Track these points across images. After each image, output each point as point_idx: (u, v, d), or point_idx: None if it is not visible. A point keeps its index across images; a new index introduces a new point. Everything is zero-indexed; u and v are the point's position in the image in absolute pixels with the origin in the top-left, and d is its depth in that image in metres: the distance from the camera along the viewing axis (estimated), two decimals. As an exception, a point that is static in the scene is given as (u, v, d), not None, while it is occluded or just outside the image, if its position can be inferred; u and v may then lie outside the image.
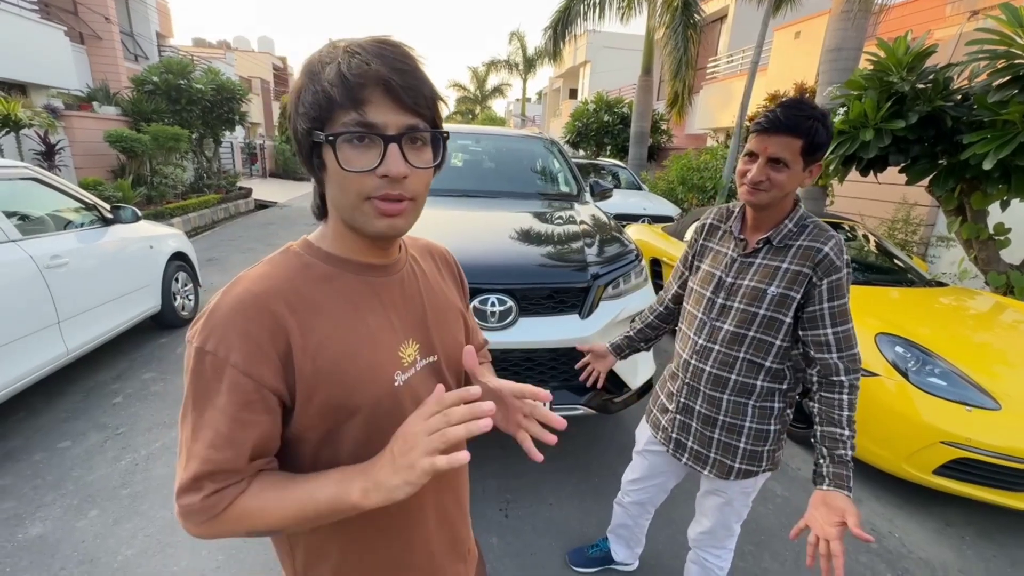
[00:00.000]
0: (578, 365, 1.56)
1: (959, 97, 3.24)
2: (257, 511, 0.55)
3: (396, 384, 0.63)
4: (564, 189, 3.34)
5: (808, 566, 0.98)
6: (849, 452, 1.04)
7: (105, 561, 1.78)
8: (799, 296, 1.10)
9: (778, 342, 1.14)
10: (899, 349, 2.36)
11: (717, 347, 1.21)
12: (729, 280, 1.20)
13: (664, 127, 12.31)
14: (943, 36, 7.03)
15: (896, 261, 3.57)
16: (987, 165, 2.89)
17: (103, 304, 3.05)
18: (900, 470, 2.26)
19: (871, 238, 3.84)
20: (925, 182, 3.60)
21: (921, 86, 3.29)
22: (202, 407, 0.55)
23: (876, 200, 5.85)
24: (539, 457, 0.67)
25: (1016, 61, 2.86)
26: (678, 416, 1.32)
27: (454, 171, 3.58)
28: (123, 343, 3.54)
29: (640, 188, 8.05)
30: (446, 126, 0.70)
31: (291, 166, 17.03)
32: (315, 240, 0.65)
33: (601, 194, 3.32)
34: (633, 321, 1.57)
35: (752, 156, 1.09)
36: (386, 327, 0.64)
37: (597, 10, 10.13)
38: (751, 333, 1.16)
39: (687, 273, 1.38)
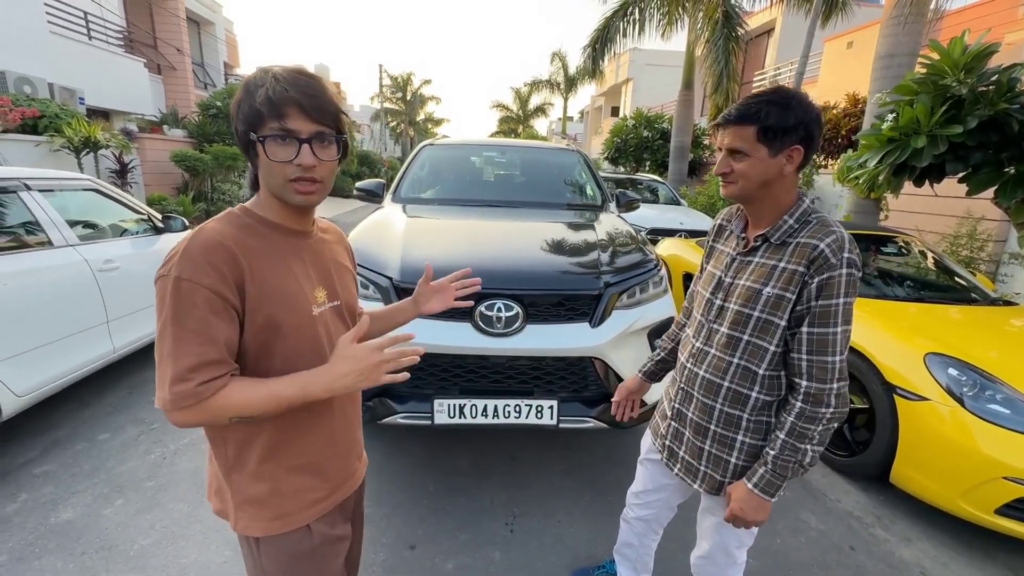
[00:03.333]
0: (614, 410, 1.57)
1: (1025, 99, 2.96)
2: (235, 401, 0.75)
3: (313, 313, 0.87)
4: (588, 200, 3.29)
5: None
6: (772, 452, 1.05)
7: (122, 549, 1.85)
8: (794, 297, 1.00)
9: (772, 347, 1.04)
10: (953, 371, 2.13)
11: (712, 351, 1.13)
12: (728, 280, 1.12)
13: (706, 142, 12.01)
14: (1015, 40, 6.52)
15: (956, 278, 3.26)
16: (1060, 171, 2.60)
17: (149, 307, 3.26)
18: (956, 508, 2.01)
19: (928, 253, 3.54)
20: (990, 193, 3.30)
21: (982, 88, 3.03)
22: (183, 321, 0.73)
23: (936, 214, 5.41)
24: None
25: (1092, 57, 2.59)
26: (673, 423, 1.24)
27: (477, 181, 3.62)
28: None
29: (679, 203, 7.84)
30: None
31: (338, 183, 17.84)
32: (252, 207, 0.87)
33: (628, 205, 3.25)
34: (660, 340, 1.50)
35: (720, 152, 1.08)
36: (304, 274, 0.88)
37: (636, 26, 10.11)
38: (745, 336, 1.07)
39: (700, 277, 1.31)
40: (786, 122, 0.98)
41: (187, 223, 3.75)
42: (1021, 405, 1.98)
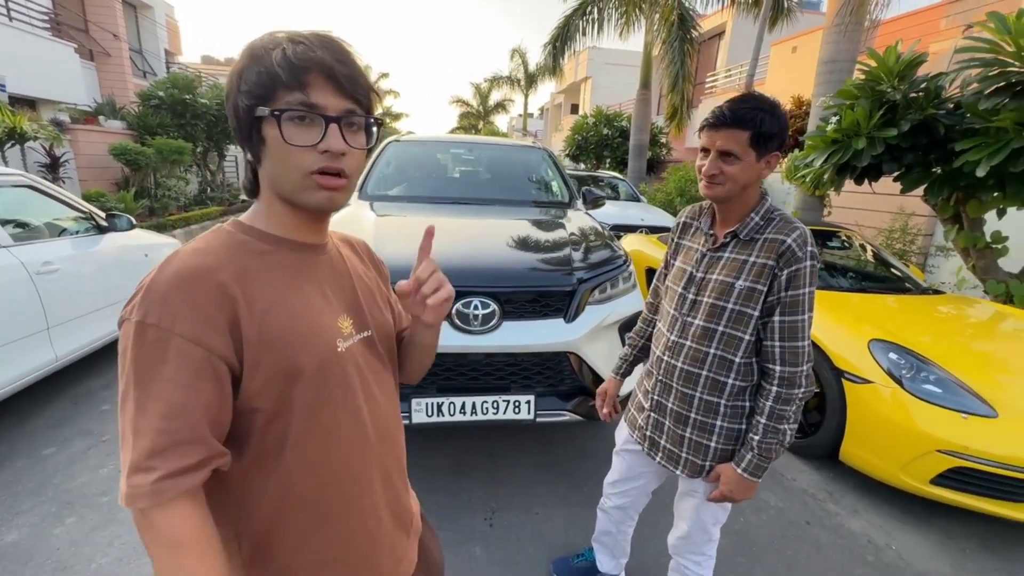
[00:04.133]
0: (601, 409, 1.58)
1: (951, 105, 3.24)
2: (181, 543, 0.54)
3: (339, 349, 0.66)
4: (556, 197, 3.34)
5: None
6: (756, 438, 1.13)
7: (79, 569, 1.74)
8: (765, 289, 1.08)
9: (747, 336, 1.12)
10: (893, 356, 2.32)
11: (688, 343, 1.19)
12: (699, 275, 1.18)
13: (663, 140, 12.39)
14: (939, 50, 7.08)
15: (892, 270, 3.54)
16: (980, 172, 2.87)
17: (94, 311, 3.06)
18: (897, 480, 2.20)
19: (867, 247, 3.82)
20: (920, 191, 3.59)
21: (913, 95, 3.30)
22: (146, 381, 0.54)
23: (873, 210, 5.83)
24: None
25: (1007, 69, 2.86)
26: (652, 414, 1.30)
27: (445, 179, 3.60)
28: (115, 351, 3.53)
29: (638, 200, 8.07)
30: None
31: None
32: (248, 220, 0.67)
33: (594, 202, 3.32)
34: (630, 338, 1.55)
35: (705, 152, 1.11)
36: (322, 299, 0.68)
37: (595, 26, 10.28)
38: (720, 328, 1.14)
39: (667, 273, 1.36)
40: (774, 129, 1.04)
41: (133, 221, 3.53)
42: (951, 385, 2.18)
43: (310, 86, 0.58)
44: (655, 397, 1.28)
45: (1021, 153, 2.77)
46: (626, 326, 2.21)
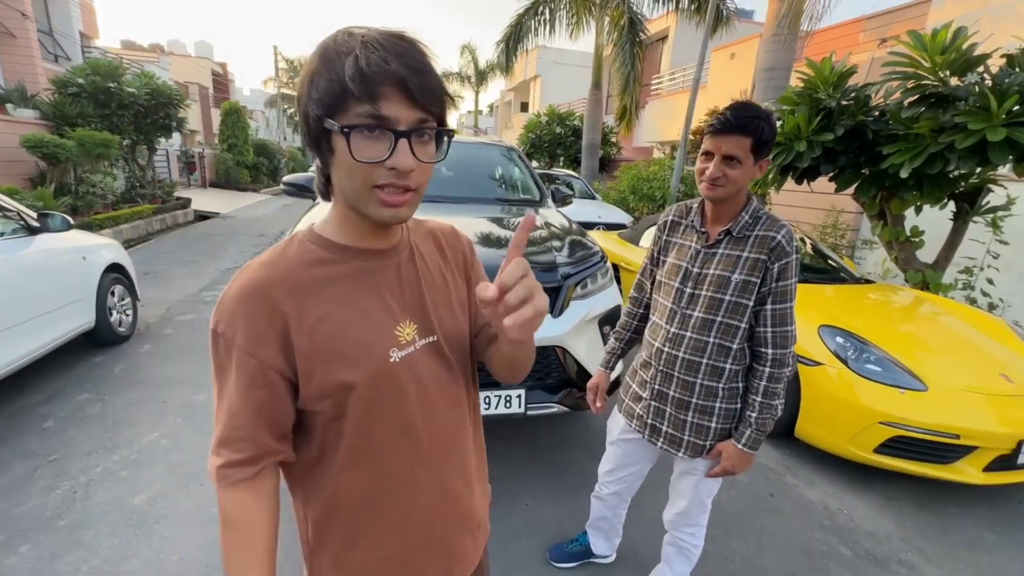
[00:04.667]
0: (594, 403, 1.60)
1: (877, 113, 3.60)
2: (230, 522, 0.64)
3: (392, 360, 0.66)
4: (528, 196, 3.40)
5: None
6: (753, 415, 1.25)
7: (43, 599, 1.61)
8: (759, 281, 1.19)
9: (743, 325, 1.23)
10: (839, 339, 2.57)
11: (688, 333, 1.28)
12: (696, 270, 1.28)
13: (614, 139, 12.79)
14: (858, 60, 7.78)
15: (830, 262, 3.88)
16: (903, 174, 3.22)
17: (28, 320, 2.79)
18: (845, 451, 2.44)
19: (807, 241, 4.16)
20: (851, 190, 3.96)
21: (845, 103, 3.63)
22: (222, 380, 0.64)
23: (809, 208, 6.34)
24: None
25: (923, 82, 3.22)
26: (652, 403, 1.38)
27: None
28: (53, 363, 3.23)
29: (594, 197, 8.30)
30: None
31: (233, 176, 16.21)
32: (318, 228, 0.69)
33: (562, 200, 3.41)
34: (616, 332, 1.61)
35: (708, 155, 1.20)
36: (380, 307, 0.68)
37: (548, 26, 10.44)
38: (719, 318, 1.24)
39: (655, 269, 1.45)
40: (769, 136, 1.14)
41: (70, 221, 3.24)
42: (888, 364, 2.45)
43: (381, 98, 0.55)
44: (656, 387, 1.36)
45: (936, 157, 3.13)
46: (605, 320, 2.31)
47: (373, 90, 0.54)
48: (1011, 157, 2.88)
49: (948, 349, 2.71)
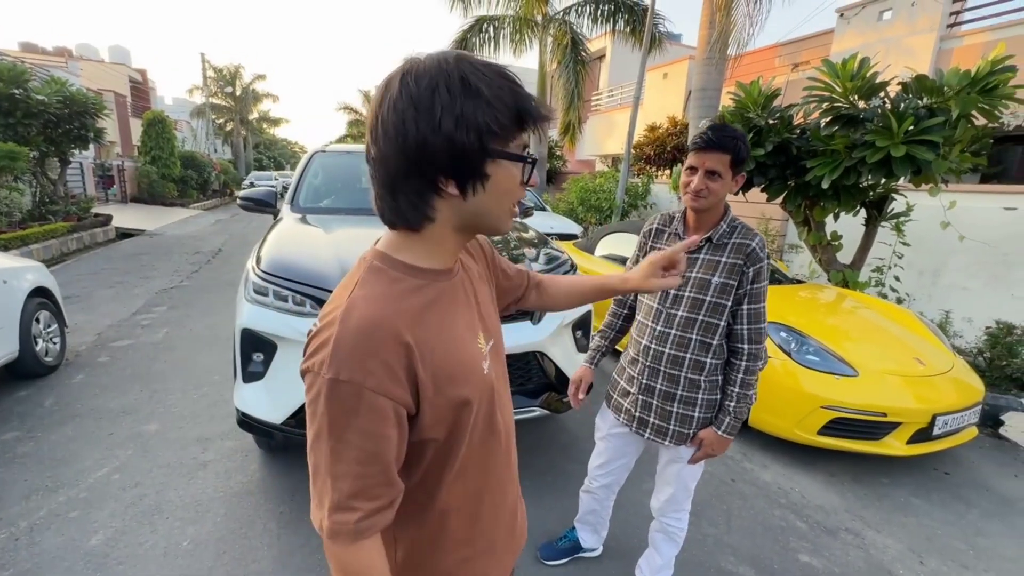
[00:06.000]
0: (576, 395, 1.64)
1: (799, 131, 4.03)
2: (362, 570, 0.61)
3: (485, 372, 0.70)
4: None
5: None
6: (732, 404, 1.40)
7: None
8: (736, 283, 1.34)
9: (721, 323, 1.37)
10: (783, 334, 2.84)
11: (673, 331, 1.41)
12: None
13: (559, 153, 13.21)
14: (776, 83, 8.62)
15: (766, 264, 4.25)
16: (824, 184, 3.62)
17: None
18: (792, 435, 2.70)
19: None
20: (780, 199, 4.39)
21: (772, 121, 4.04)
22: (341, 432, 0.58)
23: (742, 216, 6.85)
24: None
25: (836, 104, 3.66)
26: (640, 396, 1.49)
27: (362, 190, 3.51)
28: (-34, 401, 2.89)
29: (544, 209, 8.54)
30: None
31: (158, 190, 15.07)
32: (391, 252, 0.67)
33: (525, 212, 3.53)
34: (599, 330, 1.71)
35: (692, 169, 1.34)
36: (465, 324, 0.70)
37: (492, 44, 10.69)
38: (700, 317, 1.37)
39: None
40: (744, 155, 1.30)
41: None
42: (824, 354, 2.74)
43: (528, 131, 0.63)
44: (643, 381, 1.48)
45: (850, 170, 3.56)
46: (577, 325, 2.42)
47: (530, 124, 0.61)
48: (910, 170, 3.34)
49: (870, 338, 3.07)
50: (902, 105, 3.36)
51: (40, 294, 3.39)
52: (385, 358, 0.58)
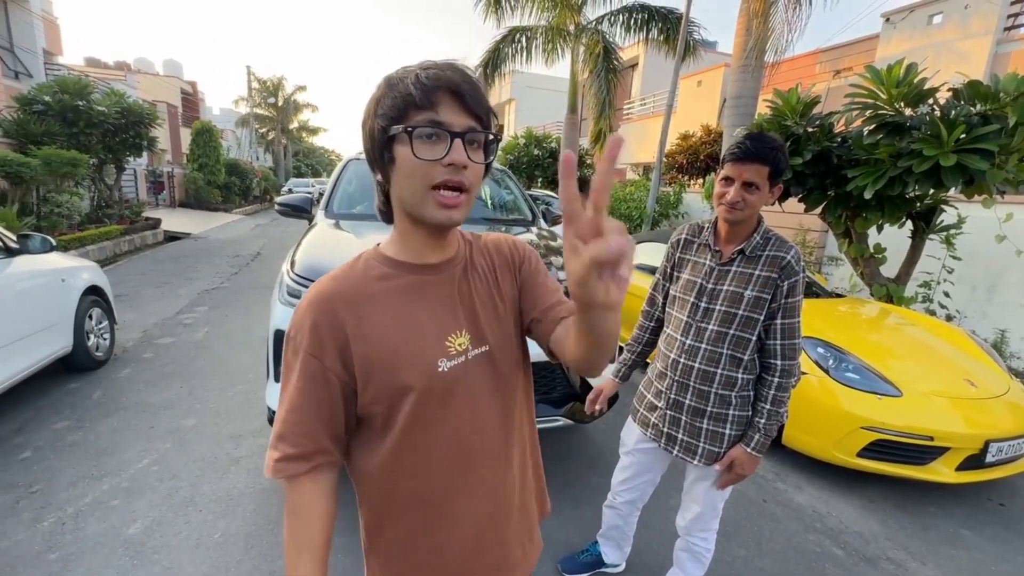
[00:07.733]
0: (588, 407, 1.61)
1: (840, 139, 3.88)
2: (292, 510, 0.68)
3: (440, 370, 0.70)
4: (521, 216, 3.49)
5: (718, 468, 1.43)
6: (762, 421, 1.35)
7: (40, 637, 1.53)
8: (769, 297, 1.29)
9: (754, 338, 1.32)
10: (820, 350, 2.72)
11: (704, 345, 1.37)
12: (710, 286, 1.37)
13: (589, 161, 13.15)
14: (816, 89, 8.35)
15: (803, 277, 4.10)
16: (867, 195, 3.48)
17: (4, 346, 2.67)
18: (830, 456, 2.57)
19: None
20: (819, 210, 4.23)
21: (811, 129, 3.91)
22: (286, 380, 0.70)
23: (779, 227, 6.68)
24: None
25: (881, 111, 3.51)
26: (668, 412, 1.46)
27: None
28: (24, 391, 3.08)
29: (573, 217, 8.50)
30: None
31: (203, 195, 15.83)
32: (382, 247, 0.76)
33: (554, 220, 3.52)
34: (628, 345, 1.68)
35: (728, 180, 1.30)
36: (432, 319, 0.72)
37: (524, 53, 10.78)
38: (732, 331, 1.33)
39: (667, 284, 1.54)
40: (783, 165, 1.26)
41: (53, 242, 3.14)
42: (865, 371, 2.61)
43: (439, 104, 0.62)
44: (672, 396, 1.44)
45: (895, 180, 3.40)
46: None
47: (432, 97, 0.62)
48: (961, 180, 3.16)
49: (916, 357, 2.90)
50: (953, 112, 3.19)
51: (94, 292, 3.61)
52: (319, 327, 0.67)
